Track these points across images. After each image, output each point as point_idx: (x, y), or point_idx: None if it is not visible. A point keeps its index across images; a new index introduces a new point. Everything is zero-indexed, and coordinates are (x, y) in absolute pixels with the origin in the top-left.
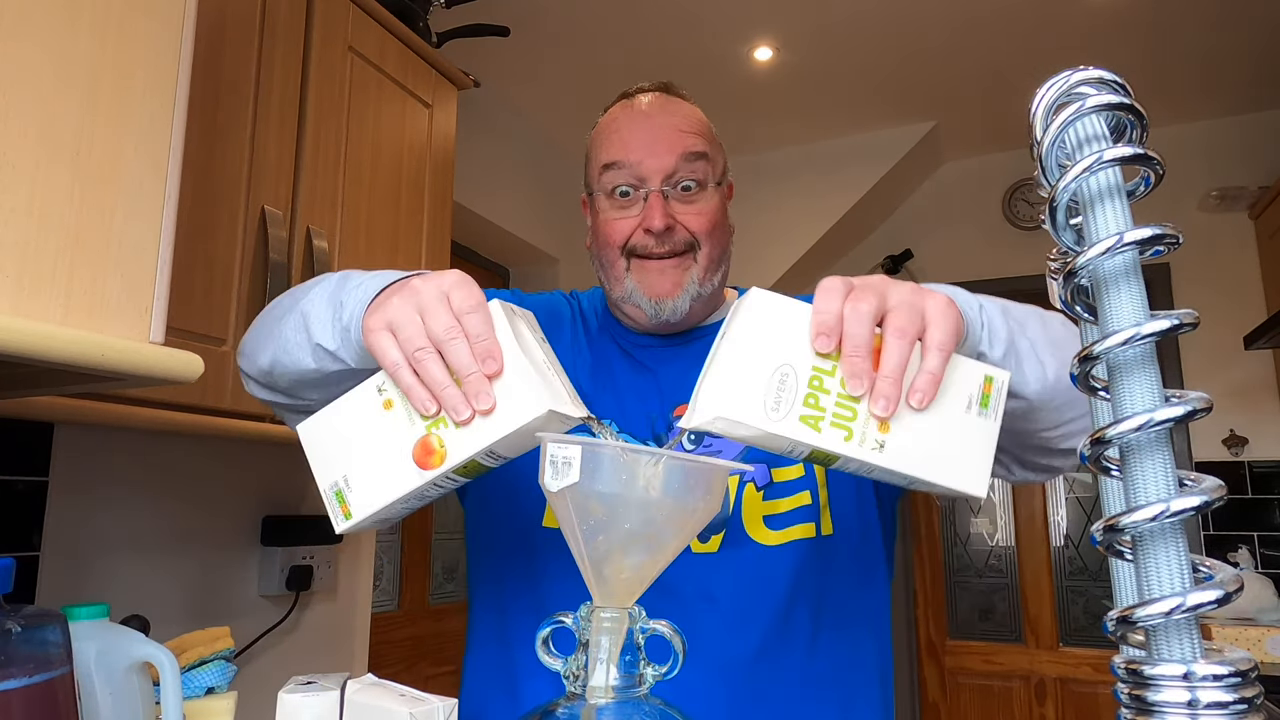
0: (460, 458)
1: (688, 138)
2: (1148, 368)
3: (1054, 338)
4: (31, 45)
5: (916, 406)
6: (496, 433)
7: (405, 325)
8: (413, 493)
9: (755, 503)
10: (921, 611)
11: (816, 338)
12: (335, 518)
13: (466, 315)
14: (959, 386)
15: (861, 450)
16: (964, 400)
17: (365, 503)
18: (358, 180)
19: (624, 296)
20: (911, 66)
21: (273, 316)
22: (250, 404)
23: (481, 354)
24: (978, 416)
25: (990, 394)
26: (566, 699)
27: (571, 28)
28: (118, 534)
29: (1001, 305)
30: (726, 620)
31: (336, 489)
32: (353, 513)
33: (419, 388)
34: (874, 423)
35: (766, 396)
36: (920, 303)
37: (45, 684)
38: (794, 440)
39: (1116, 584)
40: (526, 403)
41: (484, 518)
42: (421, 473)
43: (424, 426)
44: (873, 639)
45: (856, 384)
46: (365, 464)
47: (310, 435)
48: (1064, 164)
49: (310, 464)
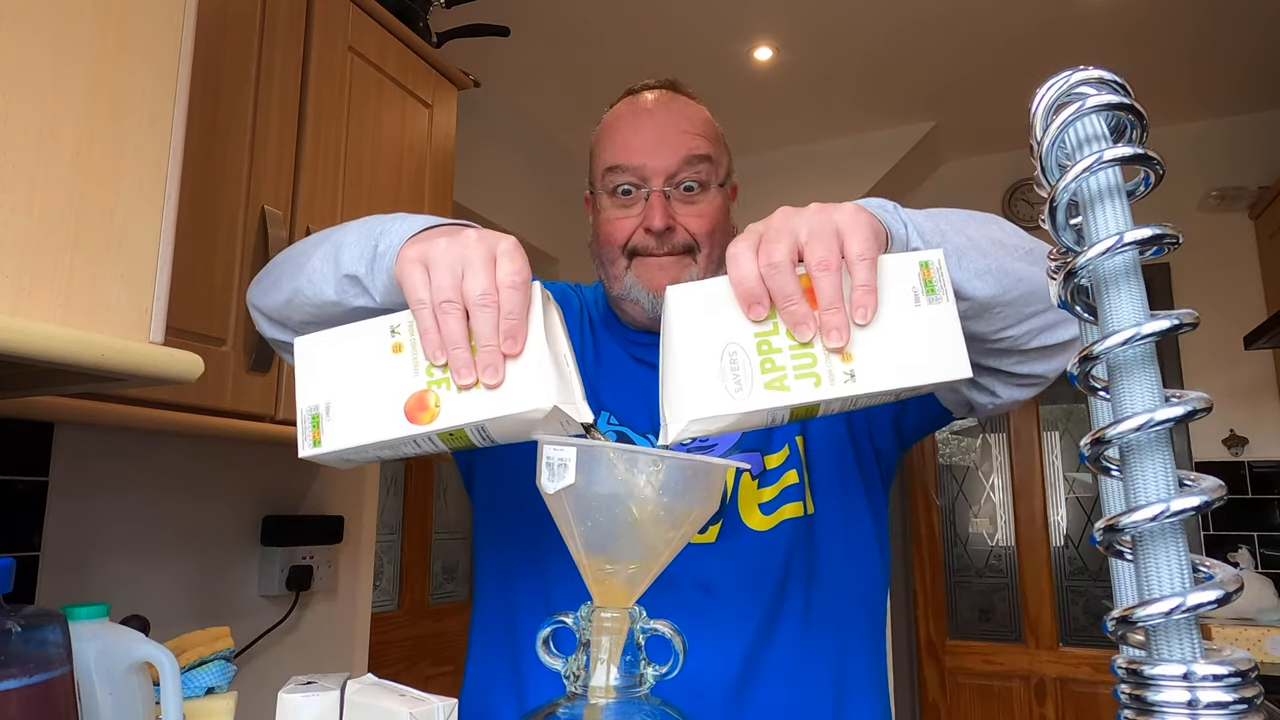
0: (450, 423)
1: (691, 139)
2: (1148, 368)
3: (993, 235)
4: (32, 45)
5: (863, 322)
6: (495, 410)
7: (442, 271)
8: (392, 441)
9: (750, 490)
10: (921, 611)
11: (749, 309)
12: (303, 441)
13: (506, 288)
14: (898, 285)
15: (835, 388)
16: (909, 296)
17: (340, 436)
18: (358, 180)
19: (623, 293)
20: (911, 66)
21: (299, 250)
22: (250, 404)
23: (507, 331)
24: (930, 305)
25: (932, 279)
26: (567, 699)
27: (571, 27)
28: (118, 534)
29: (926, 212)
30: (725, 608)
31: (315, 412)
32: (323, 441)
33: (435, 334)
34: (834, 358)
35: (725, 382)
36: (830, 223)
37: (45, 684)
38: (769, 408)
39: (1116, 584)
40: (533, 392)
41: (493, 513)
42: (408, 425)
43: (425, 380)
44: (864, 617)
45: (804, 330)
46: (354, 397)
47: (306, 350)
48: (1064, 164)
49: (296, 378)
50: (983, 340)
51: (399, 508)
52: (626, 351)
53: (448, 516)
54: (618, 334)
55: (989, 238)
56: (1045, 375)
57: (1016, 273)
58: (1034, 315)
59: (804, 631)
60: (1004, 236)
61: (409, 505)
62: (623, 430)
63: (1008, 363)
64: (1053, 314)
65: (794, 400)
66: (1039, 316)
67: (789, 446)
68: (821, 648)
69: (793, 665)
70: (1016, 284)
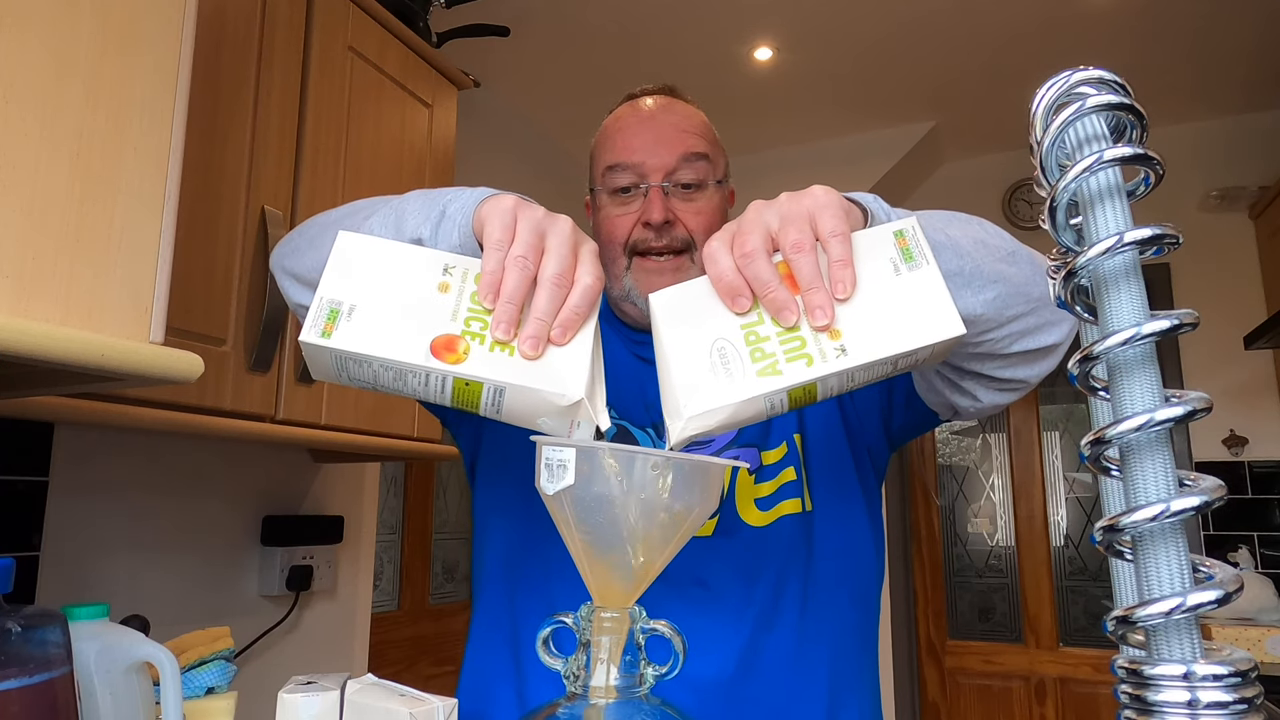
0: (474, 373)
1: (689, 138)
2: (1148, 368)
3: (976, 235)
4: (32, 45)
5: (844, 297)
6: (523, 380)
7: (530, 232)
8: (404, 367)
9: (747, 486)
10: (921, 611)
11: (731, 301)
12: (312, 327)
13: (581, 280)
14: (876, 257)
15: (828, 364)
16: (888, 266)
17: (355, 339)
18: (358, 180)
19: (622, 295)
20: (911, 66)
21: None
22: (250, 404)
23: (563, 320)
24: (910, 272)
25: (908, 246)
26: (567, 699)
27: (571, 28)
28: (118, 534)
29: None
30: (721, 602)
31: (336, 307)
32: (335, 336)
33: (497, 276)
34: (823, 336)
35: (717, 375)
36: (800, 208)
37: (45, 684)
38: (765, 394)
39: (1116, 584)
40: (567, 379)
41: (497, 511)
42: (429, 358)
43: (461, 329)
44: (859, 613)
45: (787, 315)
46: (383, 311)
47: (347, 247)
48: (1064, 164)
49: (327, 267)
50: (964, 343)
51: (399, 508)
52: (627, 348)
53: (448, 516)
54: (618, 330)
55: (971, 238)
56: (1026, 380)
57: (995, 274)
58: (1014, 319)
59: (799, 626)
60: (986, 237)
61: (409, 505)
62: (622, 424)
63: (989, 366)
64: (1034, 318)
65: (788, 383)
66: (1020, 320)
67: (787, 444)
68: (817, 642)
69: (787, 660)
70: (993, 284)
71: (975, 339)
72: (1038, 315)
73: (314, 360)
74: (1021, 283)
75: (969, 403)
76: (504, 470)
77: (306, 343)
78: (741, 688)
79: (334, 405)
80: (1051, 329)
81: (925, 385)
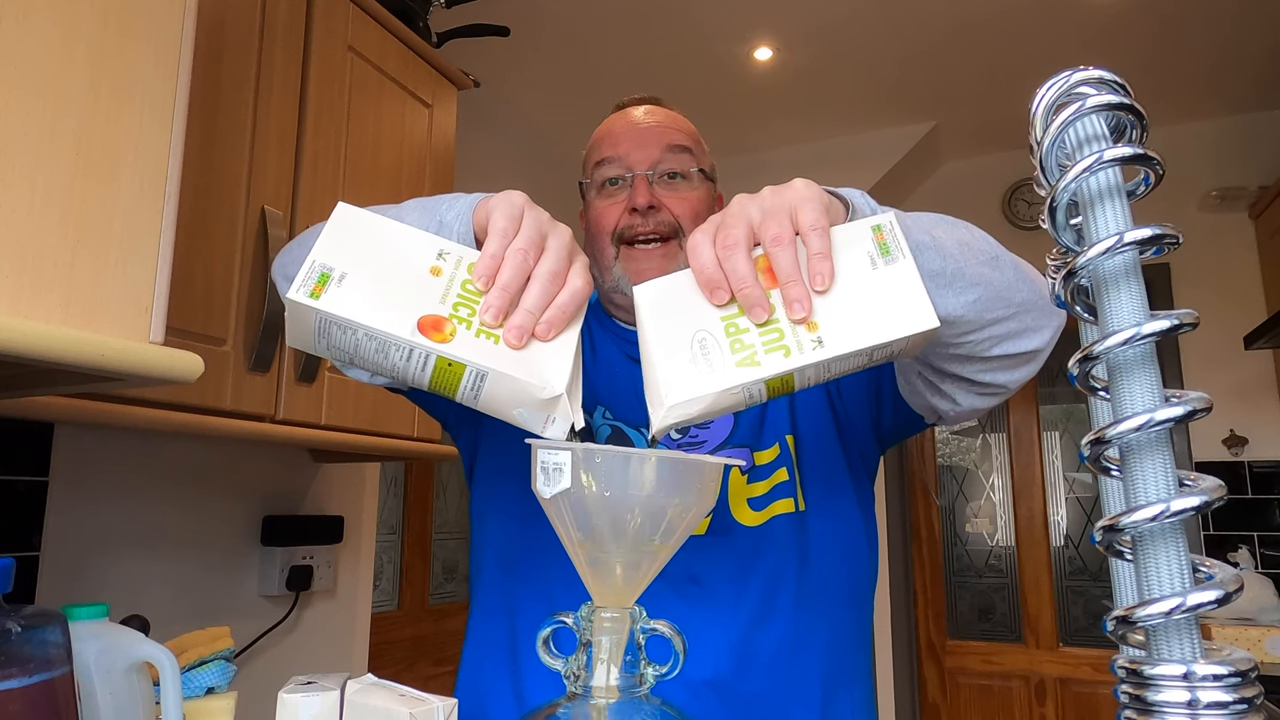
0: (458, 355)
1: (673, 133)
2: (1148, 368)
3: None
4: (32, 45)
5: (821, 289)
6: (506, 368)
7: (532, 231)
8: (387, 339)
9: (740, 486)
10: (921, 611)
11: (711, 294)
12: (300, 287)
13: (572, 283)
14: (853, 251)
15: (805, 356)
16: (865, 260)
17: (342, 305)
18: (358, 180)
19: (613, 285)
20: (911, 66)
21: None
22: (250, 404)
23: (551, 318)
24: (887, 266)
25: (885, 241)
26: (567, 699)
27: (571, 28)
28: (118, 534)
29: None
30: (715, 599)
31: (326, 271)
32: (323, 299)
33: (494, 264)
34: (800, 328)
35: (697, 366)
36: (781, 202)
37: (45, 684)
38: (743, 384)
39: (1116, 584)
40: (549, 372)
41: (495, 511)
42: (415, 333)
43: (448, 312)
44: (854, 610)
45: (759, 312)
46: (374, 283)
47: (347, 219)
48: (1064, 164)
49: (322, 233)
50: (943, 345)
51: (399, 508)
52: (621, 349)
53: (448, 516)
54: (612, 332)
55: (956, 240)
56: (1006, 386)
57: (978, 276)
58: (995, 322)
59: (794, 624)
60: (971, 240)
61: (409, 505)
62: (618, 425)
63: (969, 369)
64: (1014, 323)
65: (766, 373)
66: (1000, 324)
67: (779, 444)
68: (811, 640)
69: (782, 657)
70: (975, 286)
71: (955, 340)
72: (1019, 320)
73: (296, 322)
74: (1003, 287)
75: (949, 406)
76: (502, 472)
77: (293, 300)
78: (736, 684)
79: (334, 405)
80: (1032, 335)
81: (908, 388)
